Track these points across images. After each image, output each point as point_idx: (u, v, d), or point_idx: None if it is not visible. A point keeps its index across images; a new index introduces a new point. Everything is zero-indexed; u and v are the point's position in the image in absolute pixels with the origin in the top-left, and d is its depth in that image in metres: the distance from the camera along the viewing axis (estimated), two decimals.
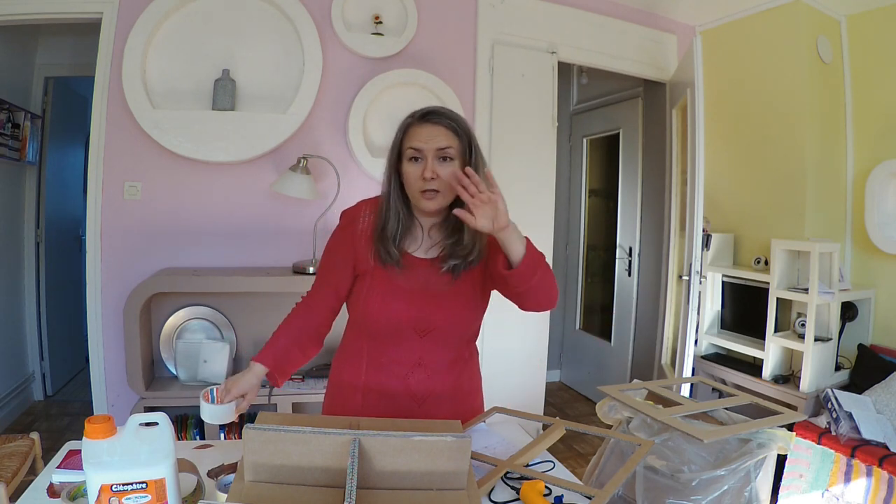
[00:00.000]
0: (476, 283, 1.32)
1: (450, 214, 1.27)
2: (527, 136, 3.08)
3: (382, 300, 1.27)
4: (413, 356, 1.30)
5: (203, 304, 2.56)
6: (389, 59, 2.78)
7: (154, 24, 2.41)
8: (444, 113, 1.24)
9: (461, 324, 1.32)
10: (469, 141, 1.24)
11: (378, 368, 1.31)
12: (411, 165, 1.23)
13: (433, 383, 1.32)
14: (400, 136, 1.26)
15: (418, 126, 1.23)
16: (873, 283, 2.94)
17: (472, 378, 1.44)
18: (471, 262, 1.28)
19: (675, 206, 3.36)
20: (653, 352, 3.60)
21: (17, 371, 3.44)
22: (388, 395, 1.31)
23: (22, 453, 1.91)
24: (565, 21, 3.16)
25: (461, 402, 1.39)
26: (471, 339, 1.41)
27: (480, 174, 1.20)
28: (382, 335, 1.30)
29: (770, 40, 3.07)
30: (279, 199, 2.64)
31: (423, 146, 1.21)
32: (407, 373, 1.30)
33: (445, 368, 1.33)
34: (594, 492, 1.11)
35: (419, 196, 1.23)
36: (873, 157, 2.94)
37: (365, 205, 1.35)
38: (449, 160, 1.22)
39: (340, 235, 1.35)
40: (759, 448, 1.72)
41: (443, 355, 1.32)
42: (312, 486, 0.90)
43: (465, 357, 1.39)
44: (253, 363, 1.30)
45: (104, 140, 2.46)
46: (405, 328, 1.28)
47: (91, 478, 0.86)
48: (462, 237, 1.26)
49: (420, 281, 1.28)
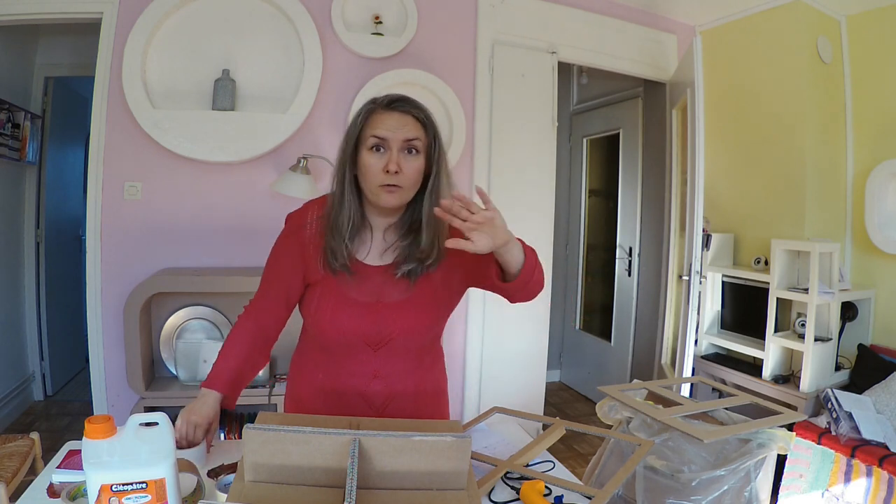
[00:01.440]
0: (437, 286, 1.20)
1: (405, 214, 1.19)
2: (527, 136, 3.08)
3: (332, 313, 1.18)
4: (368, 368, 1.20)
5: (203, 304, 2.56)
6: (389, 59, 2.78)
7: (154, 24, 2.42)
8: (412, 102, 1.14)
9: (419, 334, 1.21)
10: (435, 134, 1.14)
11: (334, 380, 1.22)
12: (372, 156, 1.10)
13: (392, 391, 1.22)
14: (360, 123, 1.13)
15: (384, 113, 1.12)
16: (873, 283, 2.94)
17: (437, 381, 1.32)
18: (429, 266, 1.17)
19: (675, 206, 3.36)
20: (653, 352, 3.60)
21: (17, 371, 3.44)
22: (347, 405, 1.22)
23: (22, 453, 1.91)
24: (565, 21, 3.16)
25: (424, 406, 1.27)
26: (431, 345, 1.29)
27: (442, 174, 1.13)
28: (334, 348, 1.21)
29: (770, 40, 3.07)
30: (279, 199, 2.64)
31: (388, 135, 1.09)
32: (364, 384, 1.21)
33: (404, 376, 1.23)
34: (594, 492, 1.11)
35: (378, 191, 1.10)
36: (873, 157, 2.94)
37: (312, 207, 1.23)
38: (415, 153, 1.11)
39: (286, 243, 1.23)
40: (759, 448, 1.72)
41: (400, 365, 1.22)
42: (312, 486, 0.90)
43: (427, 363, 1.28)
44: (206, 390, 1.19)
45: (104, 140, 2.46)
46: (357, 342, 1.18)
47: (91, 478, 0.86)
48: (419, 238, 1.16)
49: (373, 291, 1.18)
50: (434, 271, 1.19)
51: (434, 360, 1.32)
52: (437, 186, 1.15)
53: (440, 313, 1.23)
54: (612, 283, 4.05)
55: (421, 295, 1.19)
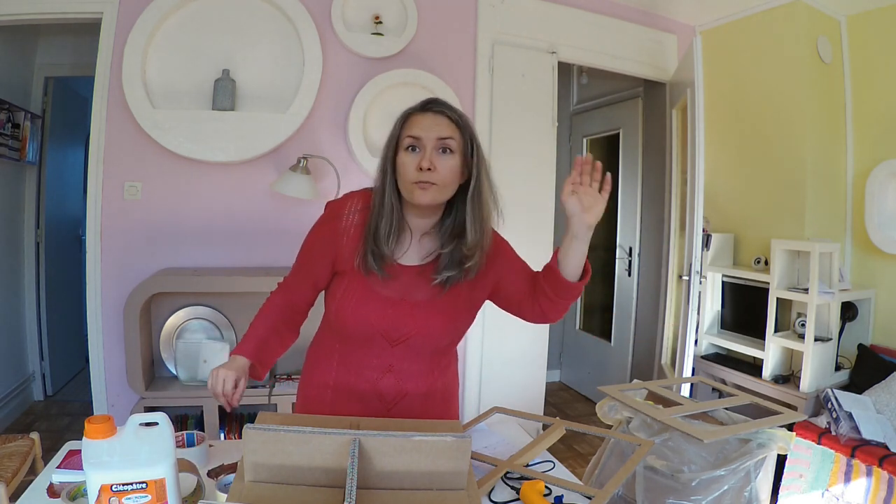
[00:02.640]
0: (461, 296, 1.24)
1: (445, 222, 1.21)
2: (527, 136, 3.08)
3: (356, 305, 1.21)
4: (383, 362, 1.24)
5: (203, 304, 2.56)
6: (389, 59, 2.78)
7: (154, 24, 2.41)
8: (446, 104, 1.18)
9: (437, 337, 1.24)
10: (471, 137, 1.18)
11: (348, 369, 1.26)
12: (408, 155, 1.14)
13: (404, 388, 1.26)
14: (399, 127, 1.18)
15: (419, 115, 1.16)
16: (873, 283, 2.94)
17: (448, 383, 1.35)
18: (467, 272, 1.20)
19: (675, 206, 3.36)
20: (653, 352, 3.60)
21: (17, 371, 3.44)
22: (358, 396, 1.26)
23: (22, 453, 1.91)
24: (565, 21, 3.16)
25: (434, 406, 1.30)
26: (448, 348, 1.32)
27: (483, 176, 1.17)
28: (353, 338, 1.24)
29: (770, 40, 3.07)
30: (279, 199, 2.64)
31: (422, 134, 1.13)
32: (377, 377, 1.24)
33: (418, 375, 1.26)
34: (594, 492, 1.11)
35: (412, 187, 1.13)
36: (873, 157, 2.94)
37: (352, 198, 1.25)
38: (449, 152, 1.14)
39: (322, 229, 1.26)
40: (759, 448, 1.72)
41: (415, 364, 1.26)
42: (312, 486, 0.90)
43: (442, 365, 1.32)
44: (235, 356, 1.24)
45: (104, 140, 2.46)
46: (375, 335, 1.22)
47: (91, 478, 0.86)
48: (462, 242, 1.18)
49: (400, 289, 1.21)
50: (463, 281, 1.22)
51: (448, 363, 1.35)
52: (479, 189, 1.18)
53: (459, 322, 1.27)
54: (612, 283, 4.05)
55: (446, 300, 1.22)
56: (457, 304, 1.24)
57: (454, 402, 1.38)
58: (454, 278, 1.20)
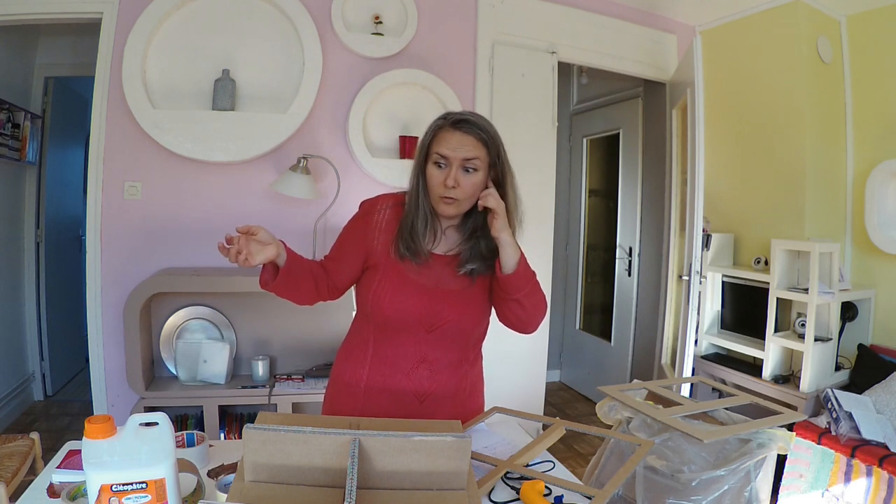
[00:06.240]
0: (486, 288, 1.35)
1: (467, 219, 1.32)
2: (527, 136, 3.08)
3: (394, 293, 1.29)
4: (418, 352, 1.31)
5: (203, 304, 2.56)
6: (389, 59, 2.78)
7: (154, 24, 2.42)
8: (475, 123, 1.24)
9: (470, 323, 1.34)
10: (497, 152, 1.26)
11: (382, 361, 1.32)
12: (435, 169, 1.25)
13: (435, 382, 1.33)
14: (429, 138, 1.27)
15: (448, 132, 1.24)
16: (873, 283, 2.94)
17: (475, 381, 1.46)
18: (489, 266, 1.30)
19: (675, 206, 3.36)
20: (653, 352, 3.60)
21: (17, 371, 3.44)
22: (390, 390, 1.31)
23: (22, 453, 1.91)
24: (565, 21, 3.16)
25: (462, 403, 1.40)
26: (477, 341, 1.42)
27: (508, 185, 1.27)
28: (390, 328, 1.31)
29: (770, 40, 3.07)
30: (279, 199, 2.64)
31: (449, 154, 1.22)
32: (410, 368, 1.31)
33: (449, 368, 1.34)
34: (594, 492, 1.11)
35: (438, 200, 1.26)
36: (873, 157, 2.94)
37: (385, 198, 1.37)
38: (473, 171, 1.24)
39: (356, 223, 1.36)
40: (759, 448, 1.72)
41: (447, 355, 1.33)
42: (312, 486, 0.90)
43: (470, 359, 1.41)
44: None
45: (104, 140, 2.46)
46: (413, 322, 1.29)
47: (91, 478, 0.86)
48: (480, 242, 1.30)
49: (433, 277, 1.31)
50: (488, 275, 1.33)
51: (476, 358, 1.45)
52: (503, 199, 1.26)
53: (487, 310, 1.38)
54: (612, 283, 4.05)
55: (477, 290, 1.33)
56: (483, 295, 1.34)
57: (480, 398, 1.50)
58: (478, 270, 1.31)
